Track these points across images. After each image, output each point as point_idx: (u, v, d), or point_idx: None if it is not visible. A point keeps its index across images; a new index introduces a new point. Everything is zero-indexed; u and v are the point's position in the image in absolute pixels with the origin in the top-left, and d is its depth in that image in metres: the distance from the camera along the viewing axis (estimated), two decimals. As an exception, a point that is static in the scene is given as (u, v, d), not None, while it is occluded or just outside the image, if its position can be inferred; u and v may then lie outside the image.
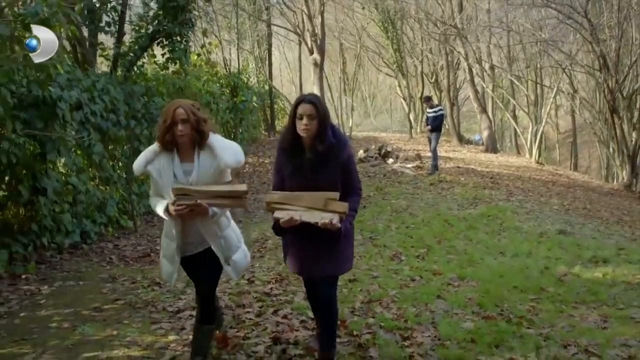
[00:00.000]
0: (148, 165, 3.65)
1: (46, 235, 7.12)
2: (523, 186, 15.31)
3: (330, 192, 3.53)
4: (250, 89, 18.94)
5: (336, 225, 3.48)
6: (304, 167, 3.66)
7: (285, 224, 3.53)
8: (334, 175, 3.65)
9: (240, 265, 3.96)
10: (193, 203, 3.49)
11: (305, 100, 3.62)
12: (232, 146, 3.72)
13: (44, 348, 4.43)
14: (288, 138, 3.69)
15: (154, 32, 10.41)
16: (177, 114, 3.51)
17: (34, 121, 6.27)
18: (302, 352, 4.23)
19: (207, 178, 3.63)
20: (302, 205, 3.52)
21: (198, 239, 3.77)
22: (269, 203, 3.60)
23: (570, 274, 6.97)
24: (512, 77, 24.88)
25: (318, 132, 3.61)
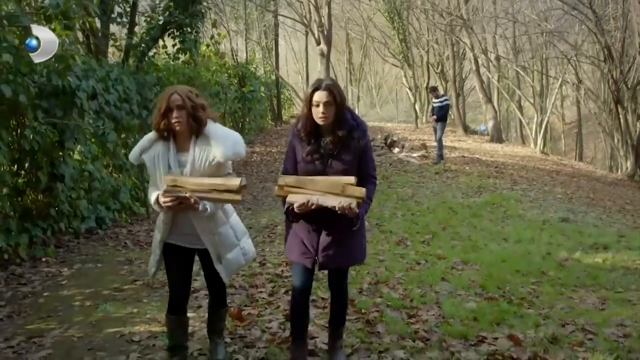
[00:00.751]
0: (143, 154, 3.47)
1: (64, 221, 7.38)
2: (527, 175, 15.51)
3: (346, 177, 3.35)
4: (258, 79, 19.14)
5: (355, 210, 3.30)
6: (321, 152, 3.47)
7: (300, 208, 3.33)
8: (352, 160, 3.47)
9: (234, 265, 3.67)
10: (183, 195, 3.27)
11: (321, 86, 3.41)
12: (232, 136, 3.47)
13: (69, 324, 4.70)
14: (305, 126, 3.49)
15: (165, 23, 10.63)
16: (172, 100, 3.32)
17: (54, 110, 6.51)
18: (312, 328, 4.46)
19: (203, 170, 3.40)
20: (318, 189, 3.34)
21: (195, 232, 3.53)
22: (282, 186, 3.41)
23: (571, 259, 7.19)
24: (517, 67, 25.00)
25: (336, 118, 3.43)
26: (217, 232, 3.53)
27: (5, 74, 5.42)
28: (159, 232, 3.58)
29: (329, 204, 3.29)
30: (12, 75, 5.49)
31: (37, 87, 6.31)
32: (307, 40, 26.55)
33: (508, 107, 32.35)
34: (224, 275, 3.60)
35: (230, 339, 4.29)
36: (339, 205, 3.26)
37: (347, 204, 3.25)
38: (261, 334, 4.42)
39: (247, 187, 3.50)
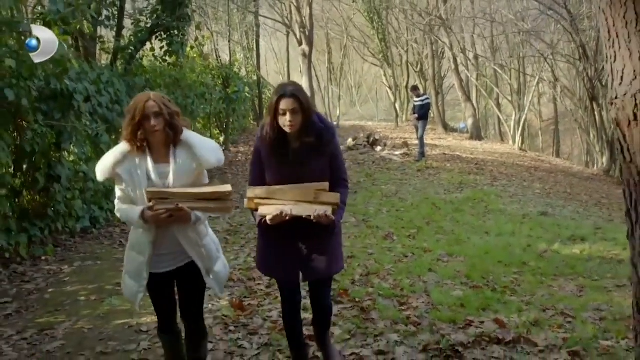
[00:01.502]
0: (117, 168, 3.13)
1: (60, 220, 7.57)
2: (507, 172, 15.91)
3: (318, 183, 3.22)
4: (241, 80, 19.35)
5: (331, 217, 3.17)
6: (290, 158, 3.29)
7: (274, 220, 3.16)
8: (323, 164, 3.33)
9: (222, 277, 3.48)
10: (174, 207, 3.06)
11: (286, 94, 3.21)
12: (211, 143, 3.33)
13: (78, 317, 4.94)
14: (270, 134, 3.28)
15: (153, 26, 10.85)
16: (147, 107, 3.06)
17: (52, 112, 6.71)
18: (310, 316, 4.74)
19: (186, 179, 3.20)
20: (289, 199, 3.19)
21: (175, 249, 3.28)
22: (251, 199, 3.23)
23: (550, 250, 7.52)
24: (495, 66, 25.47)
25: (303, 124, 3.24)
26: (201, 244, 3.31)
27: (8, 79, 5.62)
28: (140, 254, 3.25)
29: (303, 213, 3.16)
30: (15, 80, 5.70)
31: (37, 91, 6.50)
32: (289, 40, 26.77)
33: (487, 105, 32.85)
34: (216, 288, 3.42)
35: (234, 327, 4.55)
36: (314, 214, 3.13)
37: (322, 212, 3.13)
38: (263, 322, 4.69)
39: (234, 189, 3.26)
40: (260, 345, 4.28)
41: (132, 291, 3.35)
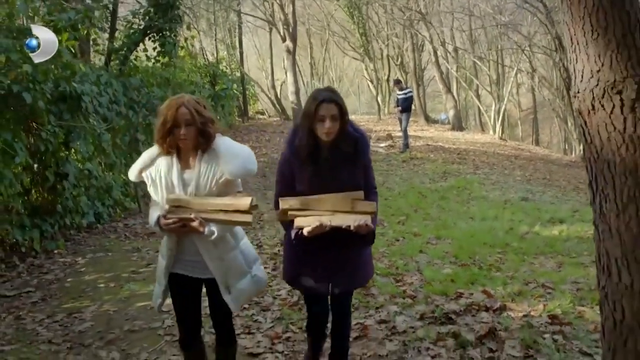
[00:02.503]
0: (143, 172, 3.13)
1: (68, 216, 7.96)
2: (488, 160, 16.47)
3: (354, 192, 3.11)
4: (228, 77, 19.72)
5: (370, 227, 3.06)
6: (323, 170, 3.17)
7: (312, 232, 3.02)
8: (357, 173, 3.21)
9: (244, 295, 3.29)
10: (186, 217, 2.96)
11: (326, 99, 3.08)
12: (242, 152, 3.11)
13: (101, 301, 5.37)
14: (306, 142, 3.15)
15: (146, 28, 11.22)
16: (179, 114, 2.96)
17: (62, 113, 7.10)
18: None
19: (209, 189, 3.05)
20: (325, 209, 3.07)
21: (200, 258, 3.16)
22: (285, 210, 3.09)
23: (531, 232, 8.06)
24: (474, 58, 26.02)
25: (340, 132, 3.13)
26: (226, 258, 3.16)
27: (25, 83, 6.01)
28: (163, 258, 3.24)
29: (343, 223, 3.02)
30: (32, 84, 6.10)
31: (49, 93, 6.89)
32: (271, 37, 27.12)
33: (466, 96, 33.45)
34: (232, 306, 3.22)
35: (248, 304, 5.00)
36: (355, 224, 3.00)
37: (362, 222, 3.00)
38: (273, 300, 5.16)
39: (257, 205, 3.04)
40: (273, 319, 4.75)
41: (155, 294, 3.34)
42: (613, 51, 2.26)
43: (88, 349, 4.38)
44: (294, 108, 21.87)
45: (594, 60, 2.30)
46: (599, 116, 2.31)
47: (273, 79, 27.80)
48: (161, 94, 10.87)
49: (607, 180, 2.34)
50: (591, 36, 2.29)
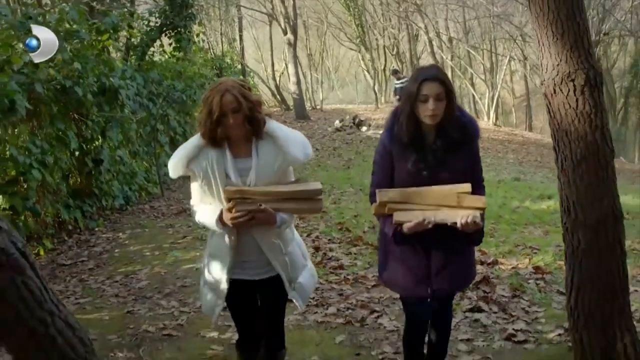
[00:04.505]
0: (190, 164, 2.85)
1: (103, 199, 8.83)
2: (482, 145, 17.30)
3: (460, 185, 2.81)
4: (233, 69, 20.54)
5: (479, 224, 2.75)
6: (428, 159, 2.88)
7: (413, 228, 2.75)
8: (465, 164, 2.92)
9: (308, 289, 3.13)
10: (256, 208, 2.74)
11: (429, 77, 2.80)
12: (297, 136, 2.92)
13: (151, 265, 6.24)
14: (408, 127, 2.86)
15: (162, 25, 12.06)
16: (225, 102, 2.71)
17: (102, 105, 7.95)
18: (335, 255, 6.11)
19: (269, 177, 2.84)
20: (428, 203, 2.79)
21: (258, 257, 2.94)
22: (384, 203, 2.80)
23: (521, 206, 8.97)
24: (468, 47, 26.87)
25: (445, 115, 2.83)
26: (287, 251, 2.97)
27: (75, 78, 6.86)
28: (219, 261, 2.97)
29: (448, 220, 2.76)
30: (81, 79, 6.94)
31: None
32: (271, 30, 27.90)
33: (461, 84, 34.33)
34: (299, 301, 3.06)
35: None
36: (462, 220, 2.72)
37: (470, 219, 2.71)
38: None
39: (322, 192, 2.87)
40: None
41: (210, 304, 3.09)
42: (568, 51, 3.12)
43: (150, 300, 5.26)
44: (295, 98, 22.73)
45: (555, 57, 3.17)
46: (559, 98, 3.18)
47: (273, 70, 28.59)
48: (181, 87, 11.71)
49: (565, 144, 3.22)
50: (553, 40, 3.16)
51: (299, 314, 4.66)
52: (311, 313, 4.74)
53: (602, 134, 3.17)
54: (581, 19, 3.15)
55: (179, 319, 4.75)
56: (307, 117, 22.45)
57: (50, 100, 6.57)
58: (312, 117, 23.06)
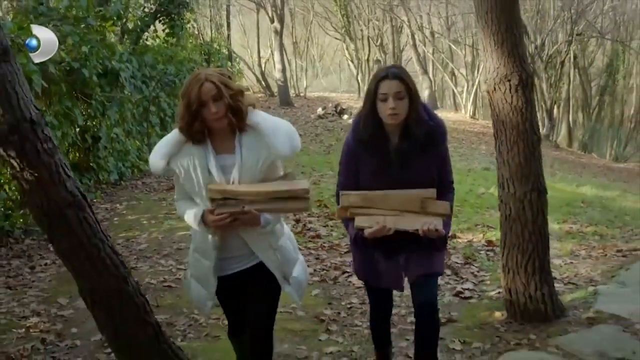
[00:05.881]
0: (171, 161, 2.72)
1: (100, 173, 9.50)
2: (458, 136, 18.23)
3: (424, 190, 2.79)
4: (221, 55, 21.16)
5: (441, 232, 2.76)
6: (392, 161, 2.85)
7: (373, 234, 2.75)
8: (431, 167, 2.90)
9: (303, 282, 3.01)
10: (239, 210, 2.63)
11: (389, 75, 2.77)
12: (284, 126, 2.74)
13: (149, 232, 6.97)
14: (368, 127, 2.85)
15: (157, 12, 12.69)
16: (204, 91, 2.56)
17: (103, 86, 8.61)
18: (314, 227, 6.87)
19: (254, 174, 2.70)
20: (391, 207, 2.78)
21: (244, 251, 2.84)
22: (345, 208, 2.82)
23: (487, 192, 9.78)
24: (450, 42, 27.65)
25: (409, 114, 2.80)
26: (278, 246, 2.86)
27: (82, 60, 7.53)
28: (206, 258, 2.87)
29: (409, 227, 2.75)
30: (87, 62, 7.61)
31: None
32: (258, 16, 28.44)
33: (442, 77, 35.14)
34: (295, 296, 2.96)
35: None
36: (423, 228, 2.71)
37: (432, 226, 2.71)
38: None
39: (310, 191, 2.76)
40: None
41: (200, 298, 3.00)
42: (506, 57, 3.90)
43: (150, 259, 6.00)
44: (280, 85, 23.40)
45: (496, 61, 3.95)
46: (498, 94, 3.96)
47: (259, 57, 29.19)
48: (173, 70, 12.36)
49: (501, 131, 4.01)
50: (494, 47, 3.93)
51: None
52: (291, 272, 5.51)
53: (531, 124, 3.99)
54: (517, 31, 3.93)
55: (176, 274, 5.50)
56: (291, 104, 23.13)
57: (60, 80, 7.23)
58: (295, 104, 23.74)
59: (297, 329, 4.31)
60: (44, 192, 2.69)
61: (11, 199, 6.84)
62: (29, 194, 2.71)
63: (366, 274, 3.16)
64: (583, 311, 4.30)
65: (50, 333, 4.31)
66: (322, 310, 4.68)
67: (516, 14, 3.95)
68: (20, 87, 2.61)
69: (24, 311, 4.71)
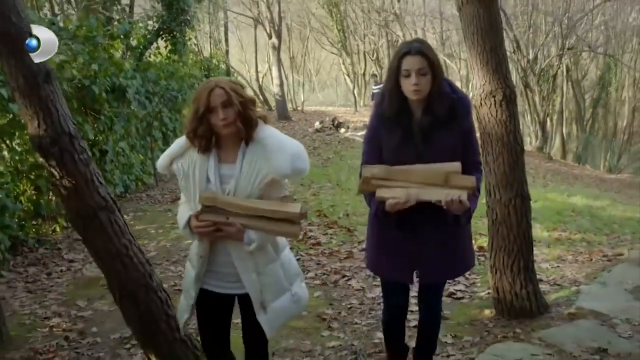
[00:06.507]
0: (174, 163, 2.76)
1: (107, 185, 9.83)
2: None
3: (449, 164, 2.74)
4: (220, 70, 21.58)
5: (466, 204, 2.68)
6: (414, 135, 2.83)
7: (395, 206, 2.69)
8: (454, 142, 2.85)
9: (281, 316, 2.83)
10: (222, 221, 2.60)
11: (411, 50, 2.74)
12: (292, 146, 2.64)
13: (157, 240, 7.30)
14: (392, 103, 2.83)
15: (159, 29, 13.10)
16: (213, 96, 2.56)
17: (111, 102, 8.98)
18: (314, 235, 7.22)
19: (251, 189, 2.63)
20: (414, 181, 2.72)
21: (233, 270, 2.76)
22: (368, 179, 2.77)
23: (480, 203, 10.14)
24: (444, 56, 28.13)
25: (432, 90, 2.79)
26: (263, 271, 2.74)
27: (93, 78, 7.90)
28: (193, 268, 2.86)
29: (432, 198, 2.69)
30: (97, 79, 7.99)
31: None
32: (256, 32, 28.93)
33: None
34: (266, 328, 2.79)
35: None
36: (446, 198, 2.65)
37: (456, 197, 2.64)
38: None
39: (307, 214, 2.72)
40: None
41: (180, 308, 2.98)
42: (491, 75, 4.27)
43: (160, 265, 6.33)
44: (277, 99, 23.82)
45: (482, 78, 4.32)
46: (484, 109, 4.33)
47: (257, 71, 29.66)
48: (176, 86, 12.74)
49: (488, 143, 4.38)
50: (480, 66, 4.30)
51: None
52: (294, 276, 5.86)
53: (515, 136, 4.36)
54: (501, 51, 4.31)
55: (186, 279, 5.83)
56: (289, 118, 23.54)
57: (71, 97, 7.59)
58: (293, 118, 24.16)
59: (301, 327, 4.64)
60: (80, 197, 3.06)
61: (24, 210, 7.16)
62: (66, 199, 3.08)
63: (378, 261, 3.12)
64: (565, 308, 4.66)
65: (73, 332, 4.66)
66: (324, 310, 5.02)
67: (500, 36, 4.33)
68: (60, 105, 2.98)
69: (45, 312, 5.06)
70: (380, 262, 3.11)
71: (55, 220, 7.97)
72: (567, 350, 3.84)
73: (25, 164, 7.30)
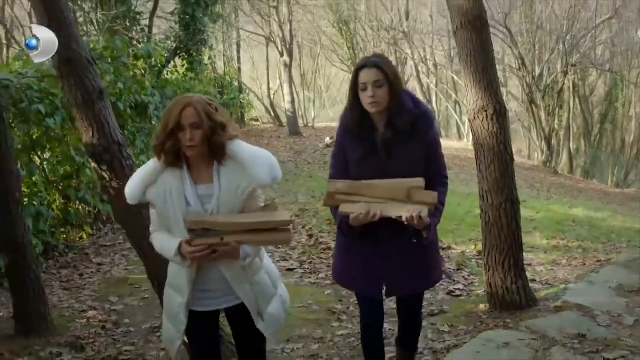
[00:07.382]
0: (147, 191, 2.71)
1: (128, 196, 10.38)
2: (460, 163, 19.11)
3: (412, 179, 2.78)
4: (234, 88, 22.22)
5: (426, 220, 2.73)
6: (377, 150, 2.89)
7: (358, 221, 2.76)
8: (417, 157, 2.90)
9: (278, 320, 2.91)
10: (218, 242, 2.58)
11: (367, 64, 2.83)
12: (264, 157, 2.67)
13: (178, 246, 7.81)
14: (353, 117, 2.90)
15: (177, 48, 13.73)
16: (184, 116, 2.55)
17: (134, 118, 9.55)
18: (325, 241, 7.73)
19: (233, 204, 2.66)
20: (377, 196, 2.77)
21: (222, 286, 2.78)
22: (332, 194, 2.83)
23: (483, 213, 10.65)
24: (453, 73, 28.69)
25: (391, 102, 2.83)
26: (254, 280, 2.79)
27: (119, 95, 8.47)
28: (178, 293, 2.80)
29: (393, 213, 2.74)
30: (122, 96, 8.56)
31: (128, 103, 9.36)
32: (268, 49, 29.60)
33: (447, 107, 36.17)
34: (268, 334, 2.86)
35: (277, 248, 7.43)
36: (407, 214, 2.69)
37: (416, 213, 2.68)
38: (297, 244, 7.65)
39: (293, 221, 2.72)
40: (300, 254, 7.24)
41: (170, 336, 2.92)
42: (483, 92, 4.78)
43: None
44: (289, 116, 24.41)
45: (475, 95, 4.84)
46: (477, 122, 4.85)
47: (269, 88, 30.29)
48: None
49: (481, 152, 4.89)
50: (473, 84, 4.82)
51: (297, 277, 6.29)
52: (306, 277, 6.38)
53: (505, 146, 4.87)
54: (492, 71, 4.84)
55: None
56: (300, 134, 24.07)
57: (99, 113, 8.15)
58: (304, 134, 24.68)
59: (313, 319, 5.15)
60: (126, 197, 3.58)
61: (54, 218, 7.70)
62: (115, 199, 3.61)
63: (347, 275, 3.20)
64: (552, 302, 5.13)
65: (108, 322, 5.21)
66: (334, 305, 5.53)
67: (491, 58, 4.85)
68: (110, 117, 3.53)
69: (82, 307, 5.61)
70: (349, 274, 3.18)
71: (82, 228, 8.50)
72: (550, 335, 4.31)
73: (56, 174, 7.86)
